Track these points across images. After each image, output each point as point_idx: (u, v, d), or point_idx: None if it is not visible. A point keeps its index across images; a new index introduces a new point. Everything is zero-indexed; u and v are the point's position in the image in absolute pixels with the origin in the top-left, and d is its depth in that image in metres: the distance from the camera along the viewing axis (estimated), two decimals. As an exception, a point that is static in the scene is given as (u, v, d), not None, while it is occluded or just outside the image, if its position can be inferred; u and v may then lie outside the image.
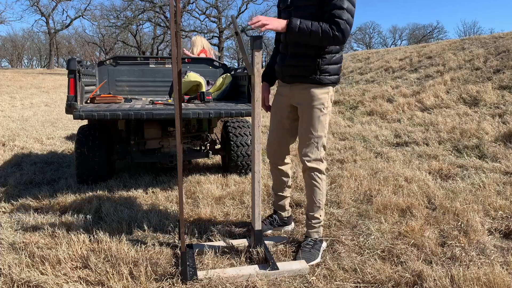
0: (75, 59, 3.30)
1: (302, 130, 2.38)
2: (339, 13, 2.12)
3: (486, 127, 5.18)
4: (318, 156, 2.37)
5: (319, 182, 2.39)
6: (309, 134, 2.35)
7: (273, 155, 2.62)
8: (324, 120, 2.35)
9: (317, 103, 2.32)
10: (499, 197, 3.10)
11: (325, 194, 2.44)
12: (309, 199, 2.45)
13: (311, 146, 2.35)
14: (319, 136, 2.35)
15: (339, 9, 2.13)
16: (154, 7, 29.39)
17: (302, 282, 2.06)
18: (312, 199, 2.42)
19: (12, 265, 2.17)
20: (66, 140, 6.54)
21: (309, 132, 2.35)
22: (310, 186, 2.41)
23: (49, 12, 38.49)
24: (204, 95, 4.06)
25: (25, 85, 17.51)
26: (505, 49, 8.24)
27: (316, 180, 2.38)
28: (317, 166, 2.37)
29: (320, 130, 2.35)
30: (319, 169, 2.38)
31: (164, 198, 3.44)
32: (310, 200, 2.43)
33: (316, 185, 2.39)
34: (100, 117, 3.20)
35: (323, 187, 2.41)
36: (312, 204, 2.43)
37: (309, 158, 2.35)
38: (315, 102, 2.31)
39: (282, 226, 2.75)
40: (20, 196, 3.53)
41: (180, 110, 2.13)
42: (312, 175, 2.38)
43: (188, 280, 2.04)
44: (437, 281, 1.97)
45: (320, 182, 2.39)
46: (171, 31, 1.95)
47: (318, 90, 2.31)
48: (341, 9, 2.13)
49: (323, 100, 2.32)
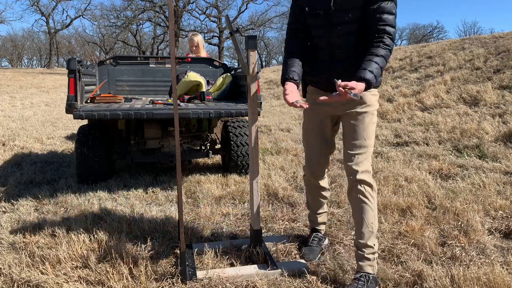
0: (75, 58, 3.30)
1: (351, 138, 2.05)
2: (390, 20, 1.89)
3: (486, 127, 5.18)
4: (369, 168, 2.02)
5: (370, 200, 2.00)
6: (361, 141, 2.03)
7: (316, 172, 2.32)
8: (375, 128, 2.09)
9: (370, 108, 2.05)
10: (499, 197, 3.09)
11: (376, 217, 2.03)
12: (358, 222, 2.01)
13: (362, 156, 2.02)
14: (370, 144, 2.05)
15: (389, 13, 1.89)
16: (154, 7, 29.37)
17: (302, 282, 2.06)
18: (363, 222, 1.99)
19: (12, 265, 2.17)
20: (66, 139, 6.54)
21: (361, 139, 2.03)
22: (360, 205, 2.00)
23: (49, 12, 38.52)
24: (204, 95, 4.06)
25: (25, 84, 17.50)
26: (505, 49, 8.23)
27: (367, 196, 1.99)
28: (367, 179, 2.00)
29: (372, 138, 2.06)
30: (370, 183, 2.00)
31: (164, 198, 3.44)
32: (360, 223, 2.00)
33: (367, 203, 2.00)
34: (100, 116, 3.20)
35: (375, 207, 2.02)
36: (363, 229, 2.00)
37: (359, 169, 1.99)
38: (369, 108, 2.05)
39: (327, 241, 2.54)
40: (20, 196, 3.53)
41: (176, 110, 2.13)
42: (362, 191, 1.99)
43: (188, 280, 2.04)
44: (437, 281, 1.97)
45: (372, 200, 2.00)
46: (170, 31, 1.95)
47: (370, 94, 2.05)
48: (390, 14, 1.89)
49: (375, 106, 2.08)
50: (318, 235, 2.47)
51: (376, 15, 1.90)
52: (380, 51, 1.87)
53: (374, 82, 1.84)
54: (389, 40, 1.89)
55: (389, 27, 1.89)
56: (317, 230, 2.51)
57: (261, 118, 8.28)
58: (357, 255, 2.02)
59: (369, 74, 1.82)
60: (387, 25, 1.89)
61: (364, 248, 1.99)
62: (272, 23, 34.85)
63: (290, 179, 3.94)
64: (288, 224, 2.84)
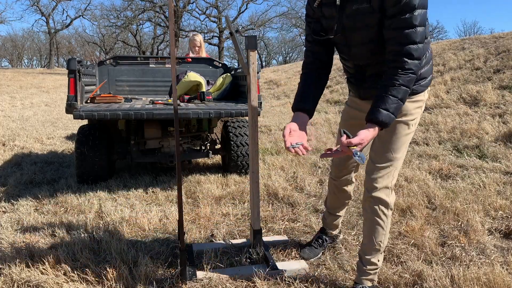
0: (75, 59, 3.30)
1: (378, 149, 1.84)
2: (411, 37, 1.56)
3: (486, 127, 5.18)
4: (390, 184, 1.82)
5: (383, 220, 1.86)
6: (388, 154, 1.80)
7: (338, 174, 2.21)
8: (408, 140, 1.83)
9: (406, 118, 1.79)
10: (499, 197, 3.09)
11: (388, 234, 1.91)
12: (366, 237, 1.91)
13: (385, 170, 1.81)
14: (398, 158, 1.81)
15: (409, 27, 1.55)
16: (154, 7, 29.37)
17: (302, 282, 2.06)
18: (371, 239, 1.89)
19: (12, 265, 2.17)
20: (66, 140, 6.54)
21: (387, 151, 1.80)
22: (371, 223, 1.88)
23: (49, 12, 38.52)
24: (204, 95, 4.06)
25: (25, 85, 17.51)
26: (505, 49, 8.23)
27: (380, 216, 1.85)
28: (384, 198, 1.82)
29: (402, 151, 1.82)
30: (386, 202, 1.83)
31: (164, 198, 3.44)
32: (368, 238, 1.90)
33: (379, 223, 1.86)
34: (100, 117, 3.20)
35: (387, 226, 1.88)
36: (370, 245, 1.90)
37: (378, 185, 1.81)
38: (405, 118, 1.79)
39: (331, 243, 2.47)
40: (20, 196, 3.53)
41: (176, 110, 2.13)
42: (375, 209, 1.84)
43: (188, 280, 2.04)
44: (437, 281, 1.97)
45: (385, 220, 1.86)
46: (170, 31, 1.95)
47: (411, 102, 1.79)
48: (411, 28, 1.55)
49: (415, 115, 1.82)
50: (323, 237, 2.39)
51: (392, 32, 1.58)
52: (397, 80, 1.58)
53: (390, 121, 1.59)
54: (409, 62, 1.57)
55: (408, 47, 1.56)
56: (324, 231, 2.42)
57: (261, 118, 8.29)
58: (359, 267, 1.95)
59: (383, 115, 1.58)
60: (405, 45, 1.56)
61: (367, 264, 1.91)
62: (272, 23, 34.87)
63: (290, 179, 3.94)
64: (288, 224, 2.84)
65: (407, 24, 1.55)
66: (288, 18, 36.29)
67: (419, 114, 1.85)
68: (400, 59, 1.58)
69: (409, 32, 1.55)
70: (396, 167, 1.83)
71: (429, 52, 1.79)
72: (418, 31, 1.55)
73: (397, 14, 1.55)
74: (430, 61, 1.82)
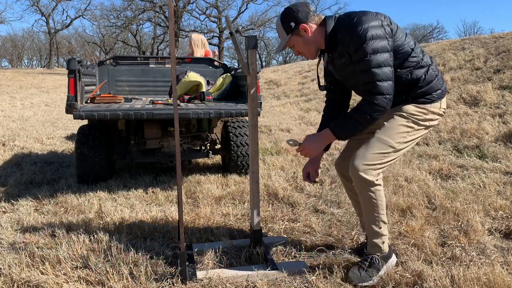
0: (75, 59, 3.30)
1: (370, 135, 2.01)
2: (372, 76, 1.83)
3: (486, 127, 5.18)
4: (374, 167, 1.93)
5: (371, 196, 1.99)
6: (379, 137, 1.95)
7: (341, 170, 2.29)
8: (406, 132, 1.96)
9: (403, 113, 1.98)
10: (499, 197, 3.09)
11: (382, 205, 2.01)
12: (362, 210, 2.09)
13: (370, 149, 1.93)
14: (389, 144, 1.94)
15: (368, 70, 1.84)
16: (154, 7, 29.38)
17: (302, 282, 2.06)
18: (365, 213, 2.06)
19: (12, 265, 2.17)
20: (66, 140, 6.54)
21: (380, 135, 1.96)
22: (362, 200, 2.03)
23: (49, 12, 38.52)
24: (204, 95, 4.06)
25: (25, 85, 17.51)
26: (505, 49, 8.23)
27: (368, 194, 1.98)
28: (368, 178, 1.93)
29: (396, 140, 1.95)
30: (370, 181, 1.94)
31: (164, 198, 3.44)
32: (364, 212, 2.07)
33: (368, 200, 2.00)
34: (100, 117, 3.20)
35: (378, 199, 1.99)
36: (365, 219, 2.08)
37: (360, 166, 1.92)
38: (402, 112, 1.98)
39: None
40: (20, 196, 3.53)
41: (176, 110, 2.13)
42: (361, 188, 1.98)
43: (188, 280, 2.04)
44: (437, 281, 1.97)
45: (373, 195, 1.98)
46: (170, 31, 1.95)
47: (414, 106, 1.99)
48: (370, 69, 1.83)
49: (417, 115, 1.98)
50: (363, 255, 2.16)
51: (358, 74, 1.89)
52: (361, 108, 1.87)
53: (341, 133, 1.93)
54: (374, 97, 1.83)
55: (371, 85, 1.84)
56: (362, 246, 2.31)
57: (261, 118, 8.28)
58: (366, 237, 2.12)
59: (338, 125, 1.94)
60: (368, 84, 1.85)
61: (369, 234, 2.08)
62: (272, 23, 34.84)
63: (290, 179, 3.94)
64: (288, 224, 2.84)
65: (366, 67, 1.85)
66: (288, 18, 36.18)
67: (424, 117, 2.00)
68: (367, 95, 1.87)
69: (370, 73, 1.84)
70: (384, 150, 1.94)
71: (429, 73, 2.00)
72: (376, 72, 1.83)
73: (357, 60, 1.87)
74: (434, 79, 2.01)
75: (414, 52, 1.96)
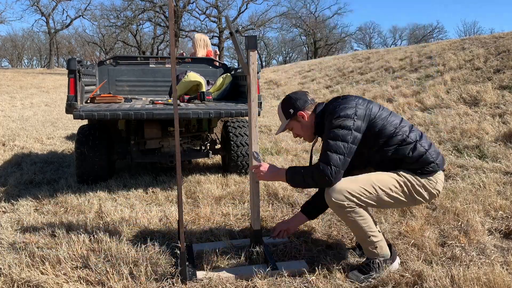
0: (75, 59, 3.30)
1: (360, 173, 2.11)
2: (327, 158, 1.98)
3: (486, 127, 5.18)
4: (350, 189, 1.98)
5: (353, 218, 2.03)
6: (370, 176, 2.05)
7: None
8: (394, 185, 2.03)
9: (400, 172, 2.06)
10: (499, 197, 3.09)
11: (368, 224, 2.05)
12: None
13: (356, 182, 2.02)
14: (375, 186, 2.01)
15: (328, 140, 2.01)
16: (154, 7, 29.39)
17: (302, 282, 2.06)
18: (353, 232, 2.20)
19: (12, 265, 2.17)
20: (66, 140, 6.54)
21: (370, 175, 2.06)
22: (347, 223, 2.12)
23: (49, 12, 38.56)
24: (204, 95, 4.05)
25: (25, 85, 17.51)
26: (505, 49, 8.23)
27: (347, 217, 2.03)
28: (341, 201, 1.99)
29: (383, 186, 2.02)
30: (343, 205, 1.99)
31: (164, 198, 3.44)
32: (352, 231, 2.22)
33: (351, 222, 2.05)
34: (100, 117, 3.20)
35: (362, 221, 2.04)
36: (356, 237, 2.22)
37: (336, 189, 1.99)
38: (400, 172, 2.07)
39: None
40: (20, 196, 3.53)
41: (176, 110, 2.13)
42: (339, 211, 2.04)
43: (188, 280, 2.04)
44: (437, 281, 1.97)
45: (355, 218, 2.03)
46: (170, 31, 1.95)
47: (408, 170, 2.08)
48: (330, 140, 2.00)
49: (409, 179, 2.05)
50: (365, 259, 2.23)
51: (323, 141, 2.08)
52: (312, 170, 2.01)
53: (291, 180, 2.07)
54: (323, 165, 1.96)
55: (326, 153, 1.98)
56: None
57: (261, 118, 8.29)
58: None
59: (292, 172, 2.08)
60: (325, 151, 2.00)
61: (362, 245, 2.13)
62: (272, 23, 34.92)
63: (290, 179, 3.94)
64: (288, 224, 2.83)
65: (325, 137, 2.04)
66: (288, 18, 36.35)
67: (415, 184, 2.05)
68: (318, 161, 2.02)
69: (325, 143, 2.02)
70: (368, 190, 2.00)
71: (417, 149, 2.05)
72: (330, 143, 1.98)
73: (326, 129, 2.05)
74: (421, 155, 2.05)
75: (398, 130, 2.05)
